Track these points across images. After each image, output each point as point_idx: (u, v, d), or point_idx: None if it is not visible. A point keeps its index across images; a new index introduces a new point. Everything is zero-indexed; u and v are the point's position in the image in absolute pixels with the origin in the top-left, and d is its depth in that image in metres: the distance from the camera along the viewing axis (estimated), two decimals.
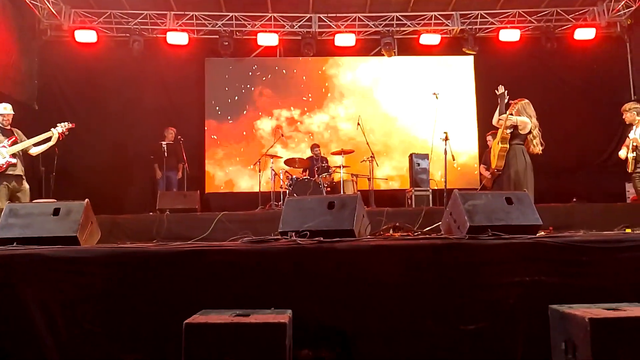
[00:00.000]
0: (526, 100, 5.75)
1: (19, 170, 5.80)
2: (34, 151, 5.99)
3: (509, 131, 5.54)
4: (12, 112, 5.92)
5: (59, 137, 5.91)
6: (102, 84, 9.87)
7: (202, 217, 7.21)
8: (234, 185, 10.60)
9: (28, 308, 2.86)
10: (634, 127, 6.43)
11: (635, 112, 6.43)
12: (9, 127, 5.90)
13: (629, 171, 6.59)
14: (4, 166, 5.65)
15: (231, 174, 10.62)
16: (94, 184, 8.99)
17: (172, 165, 8.84)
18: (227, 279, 2.93)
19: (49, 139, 5.88)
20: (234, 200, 9.86)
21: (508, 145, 5.56)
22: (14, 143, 5.80)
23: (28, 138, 5.89)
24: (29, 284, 2.90)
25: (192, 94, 10.63)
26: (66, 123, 5.99)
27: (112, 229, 6.72)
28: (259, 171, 9.25)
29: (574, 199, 8.48)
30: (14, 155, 5.75)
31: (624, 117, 6.62)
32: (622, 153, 6.69)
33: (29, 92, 9.08)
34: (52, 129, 5.88)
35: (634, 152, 6.42)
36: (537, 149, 5.58)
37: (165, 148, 8.60)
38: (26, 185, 5.90)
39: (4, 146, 5.71)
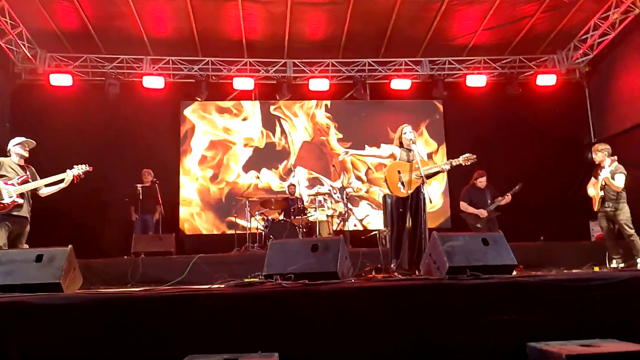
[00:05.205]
0: None
1: (25, 211, 5.30)
2: (44, 192, 5.49)
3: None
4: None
5: (73, 179, 5.45)
6: (77, 127, 9.82)
7: (178, 260, 7.18)
8: (209, 227, 10.55)
9: (10, 356, 2.81)
10: (604, 167, 6.55)
11: (606, 153, 6.58)
12: (23, 164, 5.45)
13: (596, 209, 6.73)
14: (9, 205, 5.14)
15: (207, 215, 10.59)
16: (68, 227, 8.82)
17: (148, 208, 8.76)
18: (214, 323, 2.95)
19: (61, 181, 5.43)
20: (210, 242, 9.80)
21: None
22: (24, 182, 5.31)
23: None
24: (11, 331, 2.86)
25: (167, 136, 10.68)
26: (83, 165, 5.56)
27: (86, 273, 6.49)
28: (234, 213, 9.30)
29: (542, 237, 8.71)
30: (21, 196, 5.24)
31: (594, 156, 6.74)
32: (592, 191, 6.81)
33: (1, 136, 8.97)
34: (68, 171, 5.44)
35: (602, 191, 6.57)
36: None
37: (141, 191, 8.56)
38: (27, 229, 5.37)
39: (12, 184, 5.22)
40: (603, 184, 6.55)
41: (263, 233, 8.46)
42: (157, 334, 2.91)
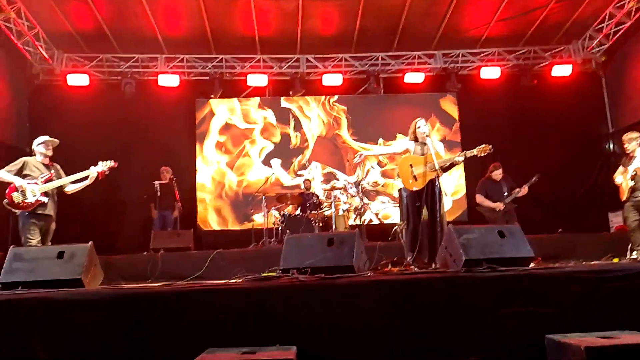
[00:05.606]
0: None
1: (50, 210, 5.38)
2: (70, 189, 5.56)
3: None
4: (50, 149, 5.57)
5: (98, 175, 5.52)
6: (94, 126, 9.96)
7: (196, 255, 7.24)
8: (227, 222, 10.63)
9: (33, 351, 2.87)
10: (635, 156, 6.39)
11: (639, 141, 6.42)
12: (47, 162, 5.55)
13: (624, 199, 6.54)
14: (33, 204, 5.23)
15: (224, 211, 10.68)
16: (86, 224, 8.96)
17: (167, 205, 8.84)
18: (232, 317, 2.98)
19: (86, 178, 5.51)
20: (227, 237, 9.91)
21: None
22: (48, 180, 5.39)
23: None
24: (34, 327, 2.92)
25: (183, 134, 10.79)
26: (109, 161, 5.64)
27: (106, 269, 6.61)
28: (251, 209, 9.36)
29: (560, 229, 8.62)
30: (45, 194, 5.32)
31: (626, 145, 6.56)
32: (619, 179, 6.61)
33: (21, 136, 9.13)
34: (92, 167, 5.53)
35: (633, 181, 6.40)
36: None
37: (159, 188, 8.65)
38: (53, 226, 5.50)
39: (36, 183, 5.29)
40: (634, 174, 6.38)
41: (279, 228, 8.50)
42: (177, 328, 2.96)
